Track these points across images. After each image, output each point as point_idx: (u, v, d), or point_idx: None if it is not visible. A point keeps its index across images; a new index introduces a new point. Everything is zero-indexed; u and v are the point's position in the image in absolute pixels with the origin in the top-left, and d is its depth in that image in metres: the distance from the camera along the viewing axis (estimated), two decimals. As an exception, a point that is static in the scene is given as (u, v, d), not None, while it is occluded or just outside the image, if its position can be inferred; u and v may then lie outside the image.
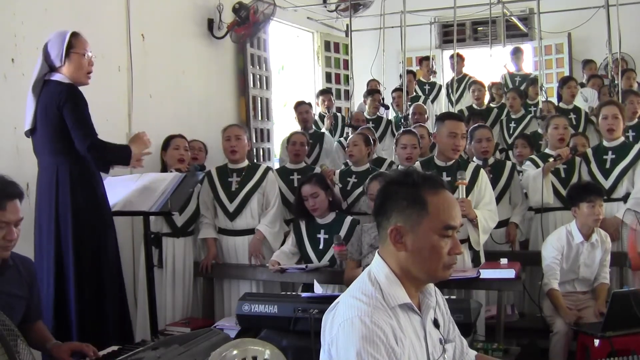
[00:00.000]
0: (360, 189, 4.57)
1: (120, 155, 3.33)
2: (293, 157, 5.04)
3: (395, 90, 7.59)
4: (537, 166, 4.46)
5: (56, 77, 3.26)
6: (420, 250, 1.68)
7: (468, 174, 3.91)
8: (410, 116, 6.66)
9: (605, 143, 4.52)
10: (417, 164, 4.15)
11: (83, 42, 3.31)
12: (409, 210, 1.68)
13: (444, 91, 8.65)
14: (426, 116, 6.82)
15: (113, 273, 3.37)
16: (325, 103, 7.07)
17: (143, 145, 3.44)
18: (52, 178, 3.24)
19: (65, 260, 3.21)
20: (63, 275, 3.21)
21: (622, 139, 4.51)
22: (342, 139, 6.38)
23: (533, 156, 4.70)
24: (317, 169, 5.04)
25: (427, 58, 8.63)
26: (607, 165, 4.41)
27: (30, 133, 3.31)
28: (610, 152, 4.43)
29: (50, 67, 3.26)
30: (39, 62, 3.28)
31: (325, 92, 7.30)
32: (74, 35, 3.29)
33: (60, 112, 3.18)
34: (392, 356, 1.57)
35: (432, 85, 8.52)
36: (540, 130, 6.03)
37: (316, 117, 6.92)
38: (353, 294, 1.69)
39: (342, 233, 4.07)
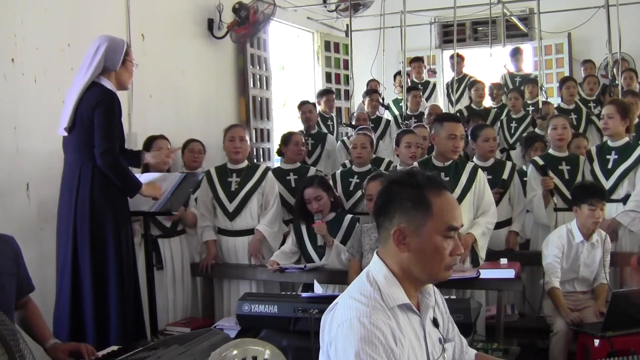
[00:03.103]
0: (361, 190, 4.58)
1: (127, 180, 3.37)
2: (295, 157, 5.03)
3: (408, 89, 7.56)
4: (539, 167, 4.42)
5: (103, 81, 3.35)
6: (424, 251, 1.68)
7: (466, 174, 3.93)
8: (426, 117, 6.72)
9: (609, 142, 4.47)
10: (415, 164, 4.16)
11: (131, 51, 3.52)
12: (413, 212, 1.68)
13: (439, 90, 8.64)
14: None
15: (130, 271, 3.41)
16: (330, 103, 7.07)
17: (154, 193, 3.54)
18: (75, 174, 3.32)
19: (82, 256, 3.26)
20: (79, 270, 3.26)
21: (627, 139, 4.43)
22: (345, 138, 6.38)
23: (536, 158, 4.64)
24: (313, 170, 5.03)
25: (417, 59, 8.61)
26: (610, 166, 4.38)
27: (69, 130, 3.35)
28: (613, 152, 4.40)
29: (104, 68, 3.36)
30: (96, 61, 3.32)
31: (328, 92, 7.28)
32: (127, 44, 3.49)
33: (93, 112, 3.25)
34: (391, 357, 1.57)
35: (425, 84, 8.51)
36: (538, 131, 6.04)
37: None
38: (351, 294, 1.69)
39: (342, 231, 4.11)
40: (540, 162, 4.46)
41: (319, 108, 6.90)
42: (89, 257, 3.26)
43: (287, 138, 5.06)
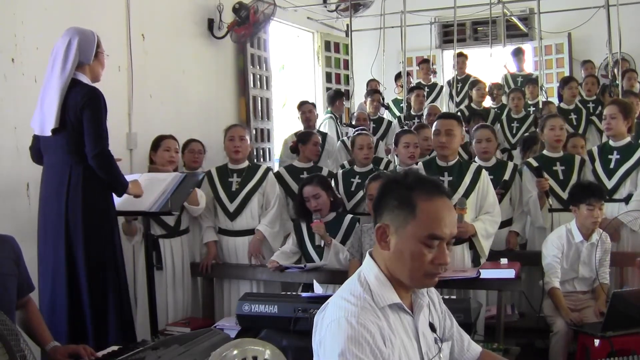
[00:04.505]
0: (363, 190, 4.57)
1: (118, 180, 3.36)
2: (312, 156, 5.03)
3: (411, 89, 7.58)
4: (534, 169, 4.40)
5: (81, 77, 3.30)
6: (401, 254, 1.66)
7: (469, 175, 3.91)
8: (425, 117, 6.73)
9: (611, 142, 4.47)
10: (420, 164, 4.15)
11: (101, 42, 3.43)
12: (397, 211, 1.67)
13: (445, 91, 8.64)
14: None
15: (121, 272, 3.40)
16: (342, 105, 7.09)
17: (138, 191, 3.53)
18: (64, 175, 3.26)
19: (77, 258, 3.23)
20: (74, 272, 3.23)
21: (628, 139, 4.43)
22: (345, 138, 6.38)
23: (530, 159, 4.61)
24: (326, 170, 5.02)
25: (425, 61, 8.63)
26: (612, 165, 4.38)
27: (56, 131, 3.27)
28: (615, 152, 4.40)
29: (79, 62, 3.30)
30: (72, 56, 3.26)
31: (341, 95, 7.27)
32: (97, 35, 3.40)
33: (81, 113, 3.21)
34: (379, 357, 1.56)
35: (432, 87, 8.52)
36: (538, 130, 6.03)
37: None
38: (342, 295, 1.69)
39: (342, 231, 4.11)
40: (535, 164, 4.44)
41: (327, 109, 6.92)
42: (84, 258, 3.22)
43: (306, 137, 5.05)
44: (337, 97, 7.10)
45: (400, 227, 1.66)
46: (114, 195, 3.46)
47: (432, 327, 1.78)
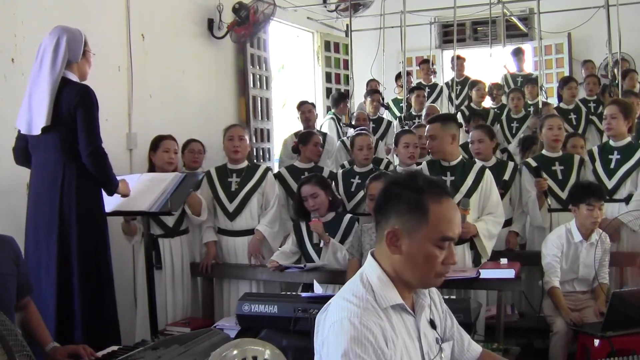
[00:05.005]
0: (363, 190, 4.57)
1: (110, 179, 3.36)
2: (313, 157, 5.02)
3: (412, 89, 7.58)
4: (532, 169, 4.40)
5: (70, 76, 3.30)
6: (415, 257, 1.66)
7: (473, 174, 3.92)
8: (424, 117, 6.73)
9: (611, 142, 4.47)
10: (424, 164, 4.15)
11: (88, 41, 3.42)
12: (408, 216, 1.66)
13: (445, 91, 8.65)
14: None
15: (110, 271, 3.39)
16: (346, 107, 7.10)
17: (126, 191, 3.54)
18: (57, 175, 3.25)
19: (70, 259, 3.21)
20: (66, 273, 3.21)
21: (629, 139, 4.43)
22: (345, 138, 6.38)
23: (529, 159, 4.61)
24: (327, 171, 5.02)
25: (426, 61, 8.63)
26: (612, 165, 4.39)
27: (46, 130, 3.26)
28: (615, 152, 4.40)
29: (67, 61, 3.29)
30: (61, 54, 3.25)
31: (346, 97, 7.27)
32: (84, 34, 3.39)
33: (74, 112, 3.21)
34: (381, 357, 1.57)
35: (433, 87, 8.52)
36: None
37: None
38: (344, 295, 1.69)
39: (341, 231, 4.11)
40: (534, 164, 4.44)
41: (329, 110, 6.91)
42: (78, 259, 3.21)
43: (307, 138, 5.03)
44: (341, 100, 7.11)
45: (413, 231, 1.65)
46: (112, 195, 3.46)
47: (433, 324, 1.78)
